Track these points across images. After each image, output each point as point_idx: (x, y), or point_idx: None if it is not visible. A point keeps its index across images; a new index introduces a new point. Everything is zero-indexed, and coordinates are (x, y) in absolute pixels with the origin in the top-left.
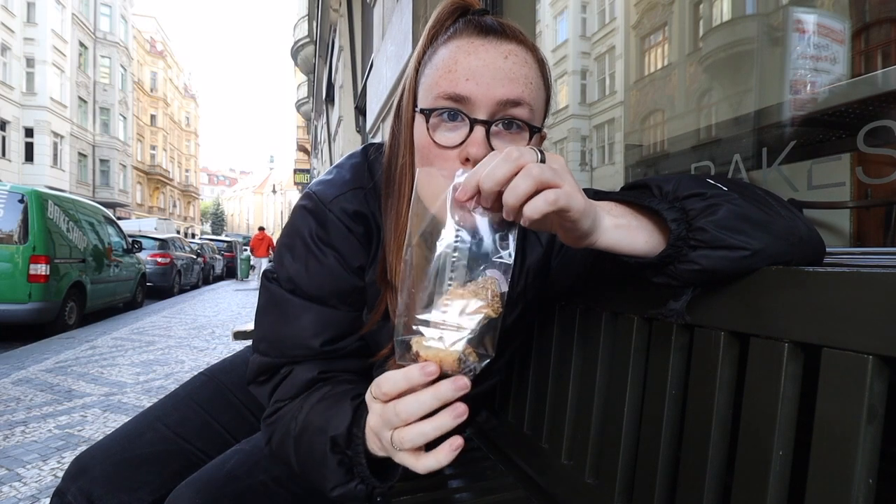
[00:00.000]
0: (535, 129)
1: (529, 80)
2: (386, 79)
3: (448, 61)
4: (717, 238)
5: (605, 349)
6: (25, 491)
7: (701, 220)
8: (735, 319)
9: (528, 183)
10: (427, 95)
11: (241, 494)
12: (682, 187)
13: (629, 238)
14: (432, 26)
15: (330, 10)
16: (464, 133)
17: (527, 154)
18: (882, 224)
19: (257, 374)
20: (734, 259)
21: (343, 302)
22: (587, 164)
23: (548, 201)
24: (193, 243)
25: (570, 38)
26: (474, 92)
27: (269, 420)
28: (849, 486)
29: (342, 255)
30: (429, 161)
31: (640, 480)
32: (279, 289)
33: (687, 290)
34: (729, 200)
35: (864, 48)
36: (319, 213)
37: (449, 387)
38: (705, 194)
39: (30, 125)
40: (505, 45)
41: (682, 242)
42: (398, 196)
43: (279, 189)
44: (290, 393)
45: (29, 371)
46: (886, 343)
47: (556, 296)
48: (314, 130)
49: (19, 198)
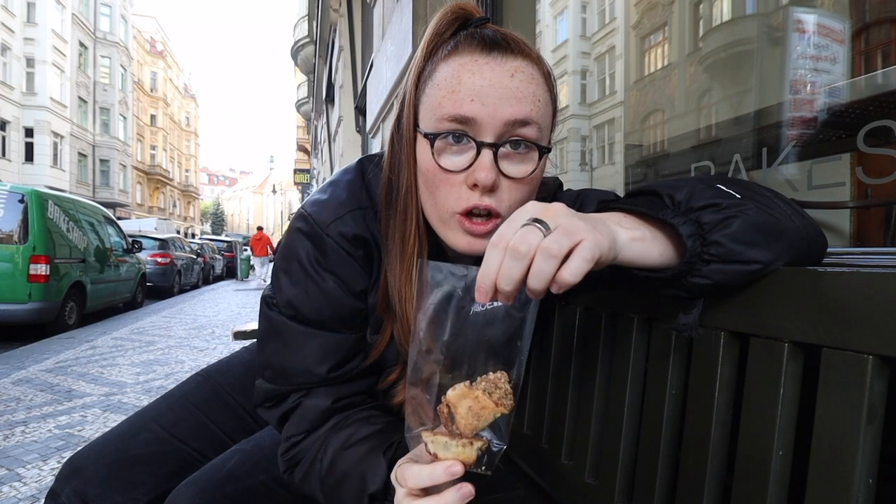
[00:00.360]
0: (545, 149)
1: (537, 98)
2: (386, 79)
3: (451, 81)
4: (732, 252)
5: (605, 349)
6: (25, 491)
7: (716, 234)
8: (735, 319)
9: (550, 263)
10: (430, 116)
11: (242, 494)
12: (695, 197)
13: (645, 252)
14: (431, 39)
15: (330, 10)
16: (470, 157)
17: (530, 237)
18: (882, 224)
19: (264, 399)
20: (747, 273)
21: (345, 325)
22: (587, 164)
23: (585, 260)
24: (193, 243)
25: (570, 38)
26: (480, 113)
27: (287, 456)
28: (849, 486)
29: (342, 280)
30: (434, 185)
31: (640, 480)
32: (279, 316)
33: (697, 301)
34: (743, 211)
35: (864, 48)
36: (316, 237)
37: (453, 497)
38: (720, 205)
39: (30, 125)
40: (510, 62)
41: (696, 258)
42: (405, 219)
43: (279, 189)
44: (305, 427)
45: (29, 371)
46: (886, 343)
47: (558, 296)
48: (314, 130)
49: (19, 198)
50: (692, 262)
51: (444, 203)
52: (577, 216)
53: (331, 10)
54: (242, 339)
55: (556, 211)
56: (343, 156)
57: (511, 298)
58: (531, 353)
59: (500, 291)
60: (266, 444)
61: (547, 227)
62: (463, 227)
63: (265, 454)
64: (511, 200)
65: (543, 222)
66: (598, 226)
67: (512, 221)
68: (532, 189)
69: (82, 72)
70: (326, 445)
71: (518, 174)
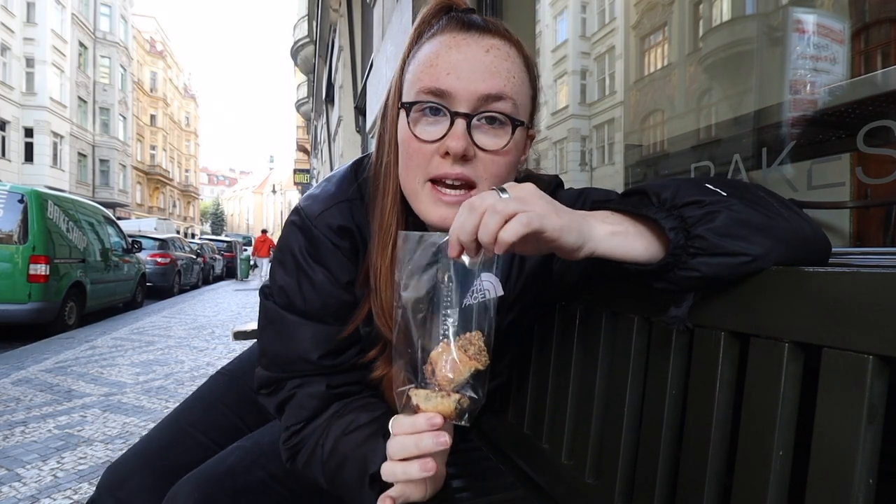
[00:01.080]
0: (518, 122)
1: (512, 75)
2: (386, 79)
3: (430, 56)
4: (715, 245)
5: (605, 349)
6: (25, 491)
7: (699, 228)
8: (735, 319)
9: (494, 219)
10: (409, 91)
11: (240, 490)
12: (680, 194)
13: (626, 245)
14: (418, 25)
15: (330, 10)
16: (444, 127)
17: (487, 197)
18: (882, 224)
19: (261, 386)
20: (735, 265)
21: (335, 317)
22: (587, 164)
23: (521, 223)
24: (193, 243)
25: (570, 38)
26: (455, 86)
27: (289, 444)
28: (849, 486)
29: (331, 272)
30: (409, 156)
31: (640, 480)
32: (274, 306)
33: (688, 295)
34: (728, 206)
35: (864, 48)
36: (306, 229)
37: (430, 440)
38: (703, 201)
39: (29, 125)
40: (487, 40)
41: (681, 250)
42: (383, 195)
43: (279, 189)
44: (304, 416)
45: (29, 371)
46: (886, 343)
47: (559, 296)
48: (314, 130)
49: (19, 198)
50: (677, 254)
51: (416, 171)
52: (545, 199)
53: (331, 10)
54: (242, 339)
55: (525, 188)
56: (343, 156)
57: (473, 253)
58: (531, 354)
59: (462, 244)
60: (265, 441)
61: (505, 193)
62: (434, 196)
63: (264, 451)
64: (487, 174)
65: (504, 189)
66: (563, 213)
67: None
68: (510, 163)
69: (82, 72)
70: (328, 432)
71: (492, 146)
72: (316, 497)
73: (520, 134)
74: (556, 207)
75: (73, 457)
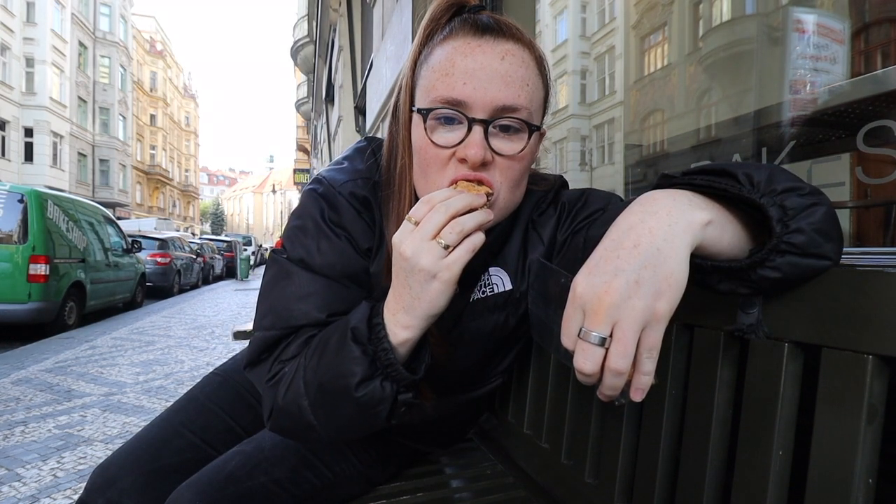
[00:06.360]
0: (535, 127)
1: (527, 82)
2: (386, 79)
3: (445, 63)
4: (812, 243)
5: None
6: (25, 491)
7: (801, 221)
8: (734, 319)
9: (621, 379)
10: (424, 98)
11: (242, 496)
12: (775, 178)
13: (716, 238)
14: (427, 24)
15: (330, 9)
16: (461, 133)
17: (593, 356)
18: (882, 224)
19: (260, 351)
20: (816, 270)
21: (353, 282)
22: (587, 164)
23: (658, 332)
24: (193, 243)
25: (570, 37)
26: (471, 96)
27: (272, 381)
28: (849, 486)
29: (353, 237)
30: (426, 163)
31: (640, 480)
32: (288, 262)
33: (756, 299)
34: (823, 200)
35: (864, 48)
36: (330, 195)
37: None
38: (802, 189)
39: (29, 125)
40: (502, 45)
41: (774, 246)
42: (399, 198)
43: (279, 189)
44: (295, 352)
45: (28, 371)
46: (886, 343)
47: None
48: (314, 130)
49: (19, 198)
50: (770, 250)
51: (435, 180)
52: (633, 297)
53: (330, 9)
54: (242, 338)
55: (608, 305)
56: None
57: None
58: (531, 354)
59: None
60: (267, 445)
61: (604, 340)
62: None
63: (266, 456)
64: (503, 177)
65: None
66: (650, 275)
67: None
68: (524, 168)
69: (82, 72)
70: (306, 351)
71: (509, 150)
72: (320, 501)
73: (535, 138)
74: (640, 277)
75: (73, 457)
